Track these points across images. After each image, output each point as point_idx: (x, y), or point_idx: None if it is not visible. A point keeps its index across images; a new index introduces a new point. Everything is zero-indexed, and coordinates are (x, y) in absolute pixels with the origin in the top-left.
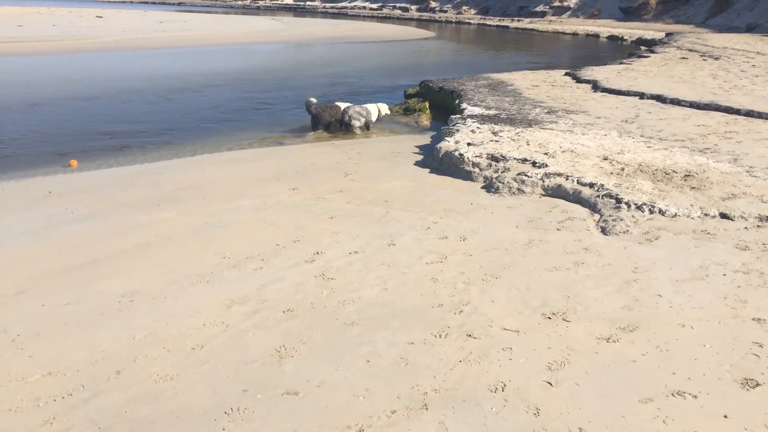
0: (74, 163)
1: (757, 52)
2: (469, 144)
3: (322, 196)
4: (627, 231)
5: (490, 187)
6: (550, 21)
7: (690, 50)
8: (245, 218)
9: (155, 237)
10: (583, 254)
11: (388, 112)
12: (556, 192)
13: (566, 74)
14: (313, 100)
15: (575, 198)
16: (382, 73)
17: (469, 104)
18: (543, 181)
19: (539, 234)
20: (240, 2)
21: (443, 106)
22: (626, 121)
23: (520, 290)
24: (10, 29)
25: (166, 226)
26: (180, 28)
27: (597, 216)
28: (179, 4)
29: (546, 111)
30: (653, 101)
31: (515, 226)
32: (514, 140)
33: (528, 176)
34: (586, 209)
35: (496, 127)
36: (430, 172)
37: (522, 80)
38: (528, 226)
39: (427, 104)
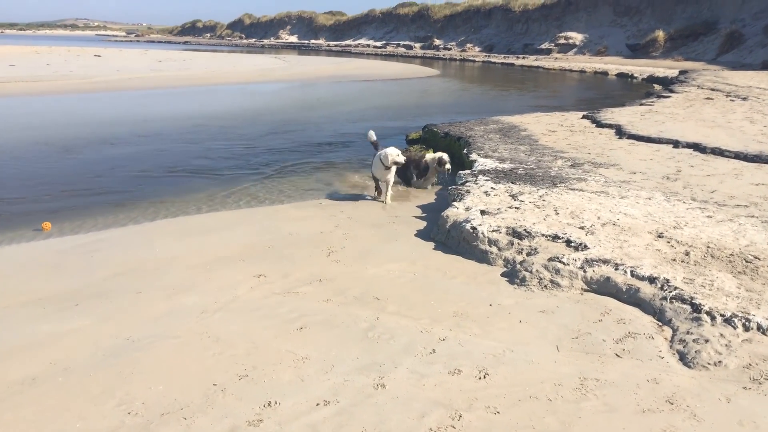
0: (47, 225)
1: None
2: (483, 212)
3: (294, 289)
4: (719, 362)
5: (513, 276)
6: (556, 58)
7: (712, 89)
8: (183, 330)
9: (47, 367)
10: (669, 412)
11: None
12: (603, 287)
13: (584, 117)
14: (373, 135)
15: (631, 298)
16: (383, 114)
17: (479, 155)
18: (584, 271)
19: (592, 365)
20: (245, 41)
21: (449, 154)
22: (668, 177)
23: None
24: (1, 69)
25: (70, 346)
26: (177, 67)
27: (668, 330)
28: (185, 43)
29: (570, 164)
30: (691, 151)
31: (555, 346)
32: (538, 207)
33: (563, 263)
34: (650, 317)
35: (515, 188)
36: (435, 248)
37: (536, 124)
38: (574, 348)
39: (431, 152)
